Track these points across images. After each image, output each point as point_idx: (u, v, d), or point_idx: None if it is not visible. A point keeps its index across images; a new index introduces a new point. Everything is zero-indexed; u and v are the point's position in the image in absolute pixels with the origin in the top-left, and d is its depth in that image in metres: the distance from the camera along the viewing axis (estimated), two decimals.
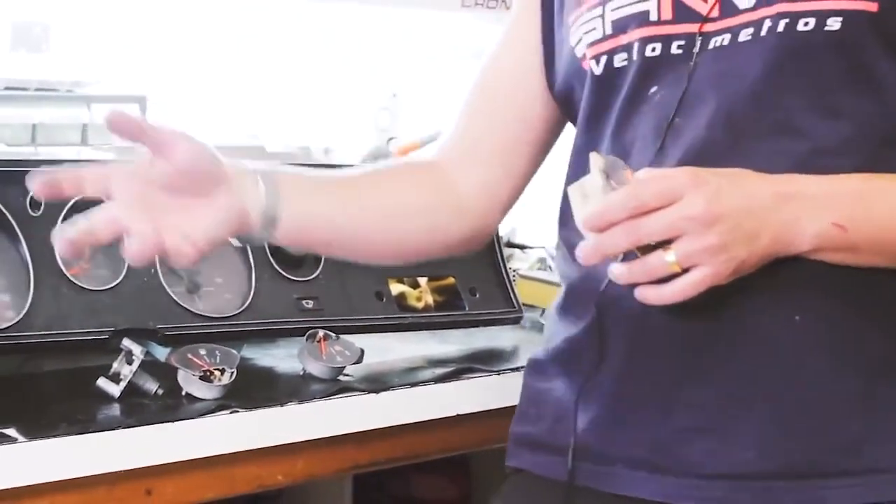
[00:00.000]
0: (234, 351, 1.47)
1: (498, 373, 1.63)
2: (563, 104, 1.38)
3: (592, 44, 1.28)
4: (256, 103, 2.41)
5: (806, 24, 1.18)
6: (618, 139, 1.27)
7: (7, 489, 1.25)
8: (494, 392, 1.63)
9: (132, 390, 1.40)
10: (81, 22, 2.20)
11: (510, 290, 1.77)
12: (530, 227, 2.22)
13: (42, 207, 1.45)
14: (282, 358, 1.61)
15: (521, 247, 2.13)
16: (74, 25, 2.20)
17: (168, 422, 1.36)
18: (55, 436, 1.28)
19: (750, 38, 1.21)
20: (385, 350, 1.67)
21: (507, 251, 1.98)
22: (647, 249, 1.11)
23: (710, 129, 1.21)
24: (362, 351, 1.56)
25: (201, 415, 1.38)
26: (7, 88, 2.05)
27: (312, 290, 1.62)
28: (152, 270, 1.50)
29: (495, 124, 1.42)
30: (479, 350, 1.73)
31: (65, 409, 1.35)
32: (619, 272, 1.14)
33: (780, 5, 1.19)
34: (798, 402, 1.20)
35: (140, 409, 1.38)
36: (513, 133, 1.41)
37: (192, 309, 1.52)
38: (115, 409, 1.37)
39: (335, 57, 2.52)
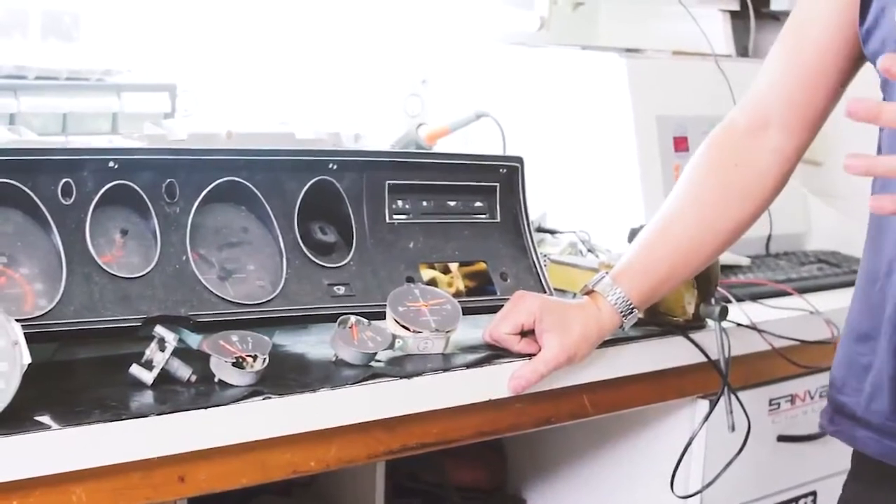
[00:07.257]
0: (265, 337, 1.47)
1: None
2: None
3: None
4: (286, 90, 2.41)
5: None
6: None
7: (42, 476, 1.26)
8: None
9: (165, 377, 1.40)
10: (111, 11, 2.21)
11: (541, 275, 1.76)
12: (561, 212, 2.21)
13: (73, 195, 1.45)
14: (313, 344, 1.61)
15: (552, 231, 2.13)
16: (104, 14, 2.20)
17: (201, 408, 1.36)
18: (89, 423, 1.28)
19: None
20: None
21: (537, 236, 1.98)
22: None
23: None
24: (394, 336, 1.56)
25: (234, 401, 1.38)
26: (38, 78, 2.05)
27: (344, 276, 1.62)
28: (184, 258, 1.50)
29: (805, 88, 1.58)
30: None
31: (98, 397, 1.36)
32: None
33: None
34: None
35: (173, 396, 1.38)
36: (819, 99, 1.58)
37: (223, 296, 1.52)
38: (149, 396, 1.38)
39: (365, 43, 2.52)
